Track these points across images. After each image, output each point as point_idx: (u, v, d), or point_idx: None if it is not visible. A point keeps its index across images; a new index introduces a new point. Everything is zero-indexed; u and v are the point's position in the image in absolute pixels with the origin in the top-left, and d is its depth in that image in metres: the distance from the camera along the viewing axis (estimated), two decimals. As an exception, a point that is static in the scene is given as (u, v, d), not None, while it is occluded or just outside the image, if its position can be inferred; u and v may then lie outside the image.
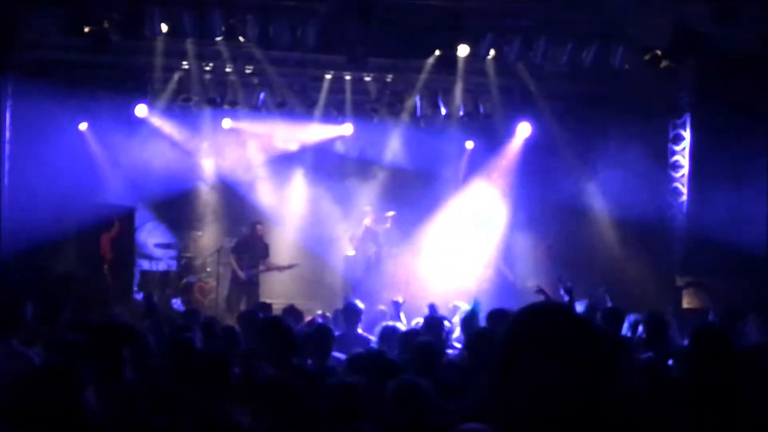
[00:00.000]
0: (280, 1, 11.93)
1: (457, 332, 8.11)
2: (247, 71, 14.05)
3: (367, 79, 14.68)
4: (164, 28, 11.94)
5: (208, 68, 13.93)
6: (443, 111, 15.07)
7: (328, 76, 14.47)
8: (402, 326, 7.68)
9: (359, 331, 7.71)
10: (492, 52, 12.99)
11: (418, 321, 8.36)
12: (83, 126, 14.48)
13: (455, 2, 12.02)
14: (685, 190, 14.00)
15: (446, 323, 7.55)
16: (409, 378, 4.31)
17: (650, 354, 5.49)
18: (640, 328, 7.17)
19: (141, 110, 14.53)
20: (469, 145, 16.16)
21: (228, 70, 13.92)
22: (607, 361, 1.71)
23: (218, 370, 4.10)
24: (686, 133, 13.97)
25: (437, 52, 13.08)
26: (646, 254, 14.14)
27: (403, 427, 3.97)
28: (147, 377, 4.75)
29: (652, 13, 11.80)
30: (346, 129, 15.83)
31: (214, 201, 15.69)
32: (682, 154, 14.02)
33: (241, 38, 12.26)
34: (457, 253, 15.62)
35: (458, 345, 7.39)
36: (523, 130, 15.81)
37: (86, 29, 11.39)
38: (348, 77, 14.60)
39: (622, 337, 7.17)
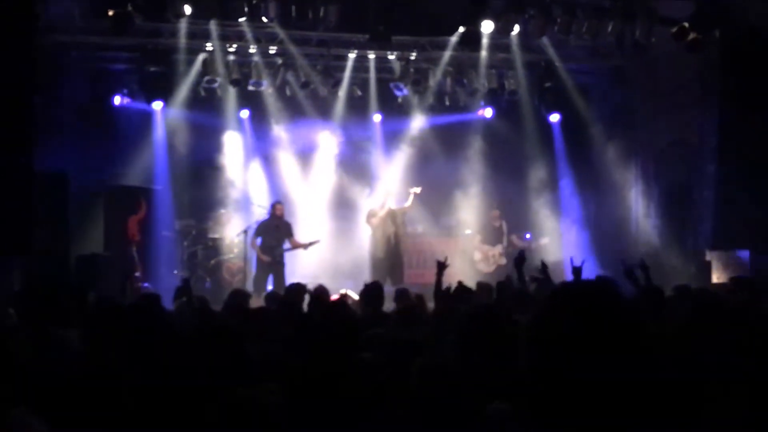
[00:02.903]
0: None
1: None
2: (271, 51, 14.07)
3: (391, 57, 14.64)
4: (188, 10, 12.00)
5: (231, 49, 13.96)
6: (467, 88, 15.01)
7: (352, 55, 14.46)
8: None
9: None
10: (516, 28, 12.89)
11: None
12: (117, 100, 14.54)
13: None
14: (714, 164, 13.80)
15: None
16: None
17: None
18: None
19: (157, 105, 14.60)
20: (488, 113, 16.00)
21: (252, 50, 13.95)
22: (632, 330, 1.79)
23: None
24: (714, 107, 13.74)
25: (461, 29, 12.99)
26: (675, 229, 14.03)
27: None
28: (175, 360, 4.79)
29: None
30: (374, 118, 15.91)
31: (240, 180, 15.72)
32: (711, 127, 13.80)
33: (264, 19, 12.27)
34: (477, 232, 15.64)
35: None
36: (554, 118, 15.77)
37: (110, 12, 11.42)
38: (372, 56, 14.57)
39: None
